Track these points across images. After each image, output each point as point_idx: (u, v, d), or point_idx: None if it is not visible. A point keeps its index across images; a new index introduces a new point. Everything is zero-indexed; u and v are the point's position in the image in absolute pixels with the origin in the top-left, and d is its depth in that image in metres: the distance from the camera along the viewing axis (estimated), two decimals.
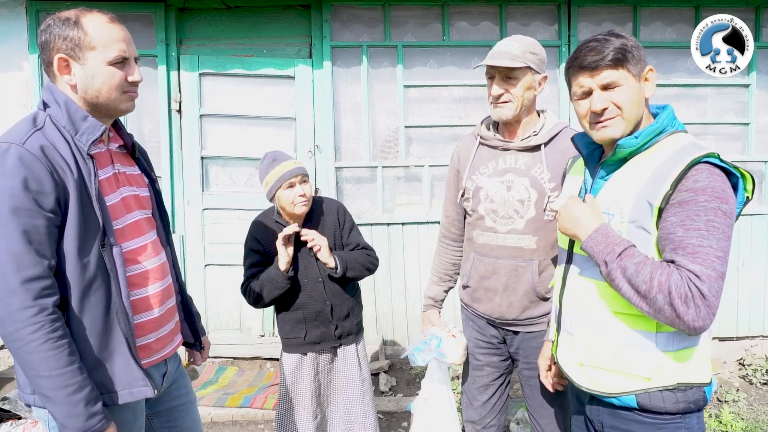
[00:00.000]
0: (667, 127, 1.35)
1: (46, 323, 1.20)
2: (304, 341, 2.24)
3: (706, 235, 1.19)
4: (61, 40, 1.30)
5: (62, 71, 1.33)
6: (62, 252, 1.26)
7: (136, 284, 1.43)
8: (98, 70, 1.33)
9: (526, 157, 1.85)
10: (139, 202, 1.51)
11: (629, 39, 1.33)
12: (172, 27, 3.71)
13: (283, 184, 2.14)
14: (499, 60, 1.75)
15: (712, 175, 1.22)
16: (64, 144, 1.29)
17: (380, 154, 3.91)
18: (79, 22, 1.31)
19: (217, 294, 3.89)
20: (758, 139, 3.95)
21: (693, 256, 1.18)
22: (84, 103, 1.36)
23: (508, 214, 1.85)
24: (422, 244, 3.86)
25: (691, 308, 1.16)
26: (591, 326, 1.38)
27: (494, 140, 1.90)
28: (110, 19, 1.35)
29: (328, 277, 2.22)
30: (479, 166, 1.92)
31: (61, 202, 1.25)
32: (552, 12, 3.85)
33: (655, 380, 1.29)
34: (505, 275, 1.87)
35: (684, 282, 1.17)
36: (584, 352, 1.40)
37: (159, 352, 1.51)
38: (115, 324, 1.34)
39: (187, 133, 3.78)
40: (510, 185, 1.85)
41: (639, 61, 1.33)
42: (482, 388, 2.04)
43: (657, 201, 1.24)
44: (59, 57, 1.31)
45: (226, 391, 3.41)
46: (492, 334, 1.99)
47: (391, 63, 3.83)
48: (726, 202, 1.21)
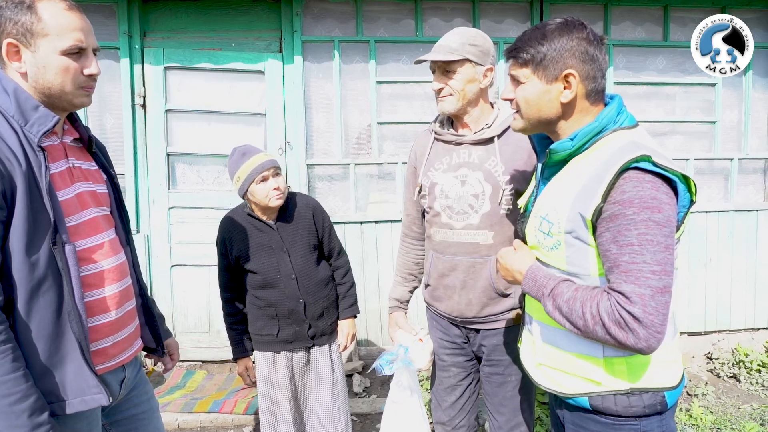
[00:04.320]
0: (608, 125, 1.27)
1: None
2: (276, 338, 2.20)
3: (639, 251, 1.12)
4: (11, 23, 1.21)
5: (11, 57, 1.24)
6: (8, 249, 1.17)
7: (91, 285, 1.34)
8: (50, 59, 1.24)
9: (479, 151, 1.82)
10: (96, 199, 1.43)
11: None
12: (136, 18, 3.57)
13: (255, 177, 2.08)
14: (435, 54, 1.73)
15: (640, 184, 1.14)
16: (11, 134, 1.19)
17: (353, 152, 3.84)
18: (33, 6, 1.22)
19: (184, 296, 3.76)
20: (724, 137, 4.03)
21: (626, 275, 1.13)
22: (35, 92, 1.27)
23: (463, 210, 1.82)
24: (396, 243, 3.77)
25: (629, 333, 1.12)
26: (546, 330, 1.37)
27: (447, 135, 1.87)
28: (68, 6, 1.26)
29: (302, 275, 2.17)
30: (434, 162, 1.89)
31: (7, 195, 1.15)
32: (525, 9, 3.85)
33: (606, 384, 1.27)
34: (462, 272, 1.84)
35: (614, 308, 1.13)
36: (541, 352, 1.39)
37: (116, 357, 1.42)
38: (66, 327, 1.25)
39: (152, 129, 3.64)
40: (464, 180, 1.82)
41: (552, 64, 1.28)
42: (449, 389, 2.00)
43: (588, 214, 1.19)
44: (8, 42, 1.22)
45: (194, 396, 3.29)
46: (455, 333, 1.96)
47: (363, 58, 3.76)
48: (658, 210, 1.13)
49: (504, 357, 1.88)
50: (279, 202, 2.11)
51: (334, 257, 2.34)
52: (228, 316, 2.29)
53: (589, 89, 1.28)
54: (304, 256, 2.20)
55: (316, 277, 2.23)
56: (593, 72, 1.27)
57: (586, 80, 1.27)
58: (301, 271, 2.18)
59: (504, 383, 1.90)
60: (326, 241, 2.29)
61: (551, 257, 1.31)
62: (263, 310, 2.20)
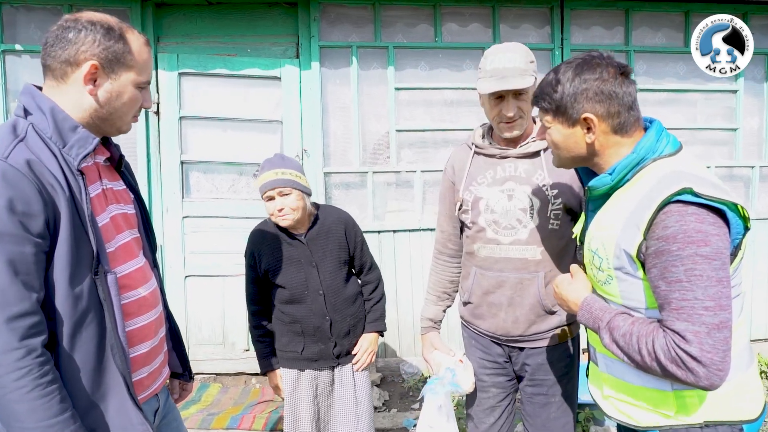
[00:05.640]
0: (647, 155, 1.23)
1: (34, 367, 1.03)
2: (300, 356, 2.14)
3: (688, 287, 1.09)
4: (101, 47, 1.17)
5: (87, 80, 1.18)
6: (51, 282, 1.10)
7: (130, 314, 1.28)
8: (126, 89, 1.23)
9: (525, 164, 1.77)
10: (128, 221, 1.37)
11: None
12: (149, 23, 3.49)
13: (262, 195, 2.06)
14: (513, 81, 1.66)
15: (683, 218, 1.10)
16: (50, 157, 1.12)
17: (370, 159, 3.77)
18: (124, 37, 1.21)
19: (198, 307, 3.68)
20: (745, 144, 3.97)
21: (678, 312, 1.10)
22: (91, 115, 1.21)
23: (511, 225, 1.77)
24: (414, 253, 3.74)
25: (688, 372, 1.08)
26: (610, 362, 1.33)
27: (491, 148, 1.82)
28: (146, 42, 1.28)
29: (330, 291, 2.12)
30: (476, 176, 1.83)
31: (50, 224, 1.08)
32: (545, 14, 3.78)
33: (678, 417, 1.22)
34: (509, 289, 1.79)
35: (669, 347, 1.10)
36: (608, 384, 1.35)
37: (150, 387, 1.37)
38: (109, 361, 1.19)
39: (166, 137, 3.56)
40: (511, 194, 1.77)
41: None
42: (488, 410, 1.94)
43: (633, 251, 1.17)
44: (93, 64, 1.17)
45: (210, 411, 3.21)
46: (497, 352, 1.90)
47: (381, 64, 3.69)
48: (705, 244, 1.08)
49: (548, 377, 1.83)
50: (287, 222, 2.05)
51: (365, 272, 2.28)
52: (255, 329, 2.22)
53: (614, 125, 1.26)
54: (333, 271, 2.14)
55: (344, 293, 2.17)
56: (614, 108, 1.24)
57: (607, 119, 1.25)
58: (329, 287, 2.12)
59: (547, 404, 1.84)
60: (358, 255, 2.23)
61: (606, 291, 1.28)
62: (288, 326, 2.14)
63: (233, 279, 3.55)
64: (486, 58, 1.72)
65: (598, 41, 3.81)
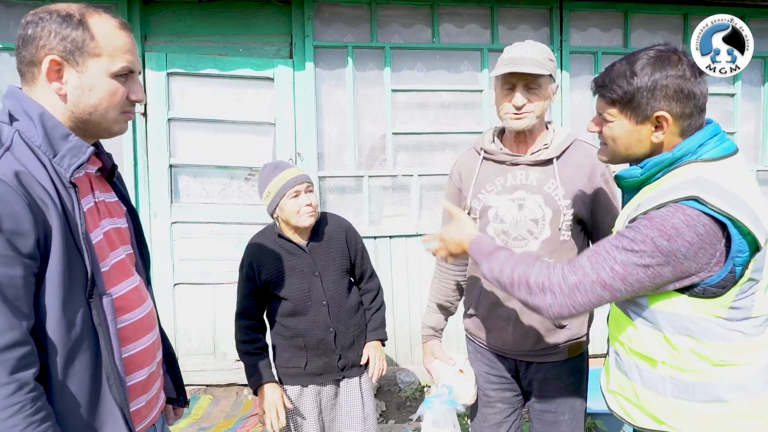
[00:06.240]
0: (684, 156, 1.17)
1: (26, 403, 0.93)
2: (303, 371, 2.04)
3: (619, 246, 1.12)
4: (57, 39, 1.03)
5: (51, 76, 1.05)
6: (42, 306, 0.99)
7: (126, 339, 1.17)
8: (98, 81, 1.07)
9: (537, 172, 1.69)
10: (121, 236, 1.26)
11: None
12: (136, 21, 3.34)
13: (287, 192, 1.94)
14: (526, 66, 1.57)
15: (674, 212, 1.07)
16: (39, 168, 1.00)
17: (366, 163, 3.67)
18: (84, 22, 1.05)
19: (187, 316, 3.54)
20: (742, 148, 3.96)
21: (592, 253, 1.16)
22: (70, 117, 1.08)
23: (522, 236, 1.69)
24: (411, 258, 3.65)
25: (545, 295, 1.19)
26: (619, 358, 1.32)
27: (501, 154, 1.73)
28: (120, 25, 1.12)
29: (333, 301, 2.03)
30: (485, 183, 1.75)
31: (41, 243, 0.97)
32: (544, 16, 3.72)
33: (676, 426, 1.18)
34: (518, 302, 1.70)
35: (551, 269, 1.21)
36: (614, 379, 1.34)
37: (147, 417, 1.26)
38: (105, 392, 1.08)
39: (154, 139, 3.41)
40: (522, 203, 1.69)
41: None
42: (494, 427, 1.87)
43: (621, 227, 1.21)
44: (52, 59, 1.04)
45: (201, 426, 3.09)
46: (504, 367, 1.83)
47: (377, 65, 3.59)
48: (669, 239, 1.06)
49: (556, 393, 1.76)
50: (311, 220, 1.97)
51: (365, 280, 2.19)
52: (246, 344, 2.06)
53: (684, 127, 1.19)
54: (336, 280, 2.05)
55: (347, 303, 2.08)
56: (689, 110, 1.17)
57: (680, 119, 1.17)
58: (332, 297, 2.03)
59: (556, 422, 1.78)
60: (359, 263, 2.15)
61: None
62: (290, 340, 2.04)
63: (224, 287, 3.42)
64: (505, 51, 1.67)
65: (597, 43, 3.76)
